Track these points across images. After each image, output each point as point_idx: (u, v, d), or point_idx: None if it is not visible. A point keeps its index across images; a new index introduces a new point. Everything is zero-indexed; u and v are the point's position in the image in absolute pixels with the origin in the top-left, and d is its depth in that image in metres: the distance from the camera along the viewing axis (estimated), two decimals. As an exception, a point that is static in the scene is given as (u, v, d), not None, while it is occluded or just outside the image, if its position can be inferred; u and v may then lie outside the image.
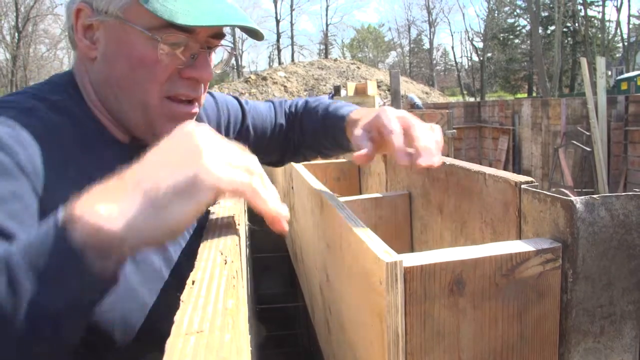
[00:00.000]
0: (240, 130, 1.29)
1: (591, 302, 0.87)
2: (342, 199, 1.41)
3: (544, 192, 0.91)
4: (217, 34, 0.92)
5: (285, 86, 18.42)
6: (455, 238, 1.23)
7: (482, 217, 1.08)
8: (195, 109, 0.95)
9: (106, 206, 0.56)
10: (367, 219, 1.41)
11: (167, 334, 0.39)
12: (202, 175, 0.58)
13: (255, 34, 0.94)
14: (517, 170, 10.68)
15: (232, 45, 0.97)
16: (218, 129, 1.21)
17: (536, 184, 0.96)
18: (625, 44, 38.44)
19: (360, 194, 2.07)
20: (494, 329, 0.82)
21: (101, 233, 0.55)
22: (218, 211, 0.90)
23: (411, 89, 18.87)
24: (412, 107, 9.66)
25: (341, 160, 2.28)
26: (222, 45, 0.96)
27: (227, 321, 0.40)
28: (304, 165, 1.87)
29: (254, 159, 0.69)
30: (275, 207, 0.70)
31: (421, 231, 1.40)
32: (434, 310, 0.78)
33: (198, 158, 0.59)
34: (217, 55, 1.00)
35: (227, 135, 1.24)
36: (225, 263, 0.53)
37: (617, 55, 39.68)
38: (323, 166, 2.15)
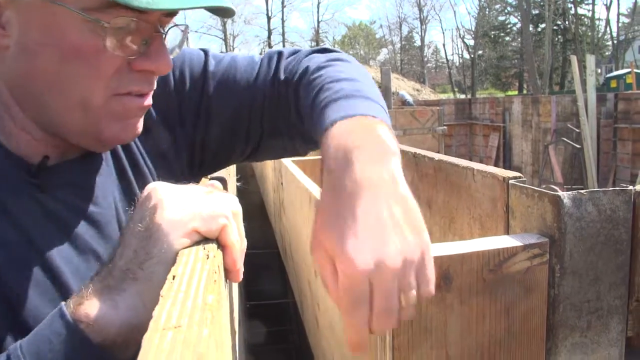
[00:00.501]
0: (201, 99, 0.93)
1: (578, 297, 0.87)
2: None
3: (532, 187, 0.90)
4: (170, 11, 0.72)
5: (276, 83, 18.43)
6: (443, 233, 1.23)
7: (470, 213, 1.08)
8: (148, 101, 0.76)
9: (108, 302, 0.54)
10: (356, 214, 1.41)
11: None
12: (169, 231, 0.55)
13: (226, 12, 0.76)
14: (508, 167, 10.73)
15: (186, 24, 0.80)
16: (165, 89, 0.90)
17: (524, 179, 0.96)
18: (615, 42, 38.71)
19: (350, 190, 2.05)
20: (482, 324, 0.82)
21: (113, 329, 0.54)
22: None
23: (402, 86, 18.91)
24: (403, 104, 9.69)
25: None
26: (175, 24, 0.76)
27: (206, 316, 0.39)
28: (293, 161, 1.86)
29: (228, 199, 0.62)
30: (238, 255, 0.62)
31: (410, 227, 1.40)
32: (421, 306, 0.78)
33: (161, 214, 0.56)
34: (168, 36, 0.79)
35: (181, 97, 0.92)
36: (207, 258, 0.53)
37: (607, 53, 39.97)
38: (312, 162, 2.14)
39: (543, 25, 36.75)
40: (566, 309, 0.86)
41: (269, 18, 44.30)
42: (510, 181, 0.95)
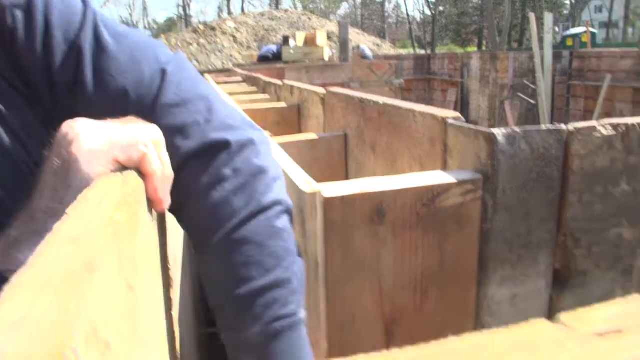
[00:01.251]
0: (51, 77, 0.64)
1: (510, 231, 0.89)
2: (277, 139, 1.40)
3: (469, 126, 0.91)
4: None
5: (234, 37, 17.97)
6: (386, 175, 1.24)
7: (410, 153, 1.09)
8: None
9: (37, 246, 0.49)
10: (302, 160, 1.40)
11: None
12: (87, 161, 0.52)
13: None
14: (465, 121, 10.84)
15: None
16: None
17: (462, 119, 0.97)
18: (572, 1, 39.13)
19: (302, 139, 2.06)
20: (415, 257, 0.83)
21: None
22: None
23: (362, 40, 18.72)
24: (363, 58, 9.63)
25: (281, 105, 2.25)
26: None
27: (108, 231, 0.39)
28: (243, 110, 1.84)
29: (147, 128, 0.59)
30: (160, 183, 0.58)
31: (356, 170, 1.41)
32: (354, 239, 0.79)
33: (78, 145, 0.52)
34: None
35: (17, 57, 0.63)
36: (124, 182, 0.51)
37: (565, 12, 40.43)
38: (263, 111, 2.12)
39: (503, -18, 36.74)
40: (498, 243, 0.89)
41: (227, -30, 42.88)
42: (449, 121, 0.96)
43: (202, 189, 0.67)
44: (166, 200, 0.61)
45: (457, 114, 0.98)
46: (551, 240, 0.92)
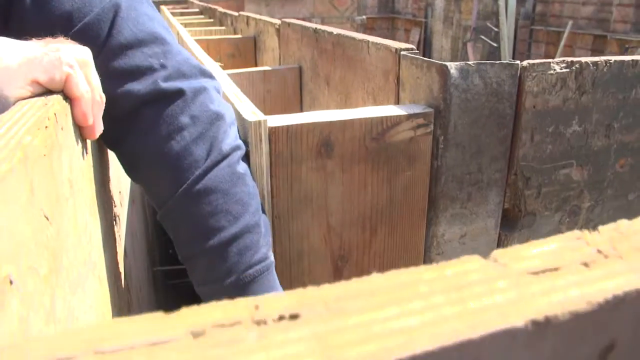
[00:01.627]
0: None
1: (460, 169, 0.88)
2: (229, 71, 1.34)
3: (422, 57, 0.88)
4: None
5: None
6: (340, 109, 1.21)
7: (364, 87, 1.05)
8: None
9: None
10: (255, 92, 1.36)
11: None
12: (4, 82, 0.46)
13: None
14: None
15: None
16: None
17: (416, 50, 0.94)
18: (540, -59, 38.81)
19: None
20: (364, 193, 0.82)
21: None
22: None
23: (327, -24, 18.26)
24: (326, -6, 9.38)
25: (236, 36, 2.17)
26: None
27: (15, 154, 0.35)
28: (195, 41, 1.75)
29: (73, 47, 0.53)
30: (89, 108, 0.53)
31: (310, 105, 1.37)
32: (301, 173, 0.76)
33: None
34: None
35: None
36: (45, 106, 0.47)
37: (531, -48, 40.19)
38: (216, 42, 2.03)
39: None
40: (448, 181, 0.88)
41: None
42: (402, 52, 0.92)
43: (161, 140, 0.64)
44: (97, 128, 0.56)
45: (411, 46, 0.94)
46: (502, 180, 0.91)
